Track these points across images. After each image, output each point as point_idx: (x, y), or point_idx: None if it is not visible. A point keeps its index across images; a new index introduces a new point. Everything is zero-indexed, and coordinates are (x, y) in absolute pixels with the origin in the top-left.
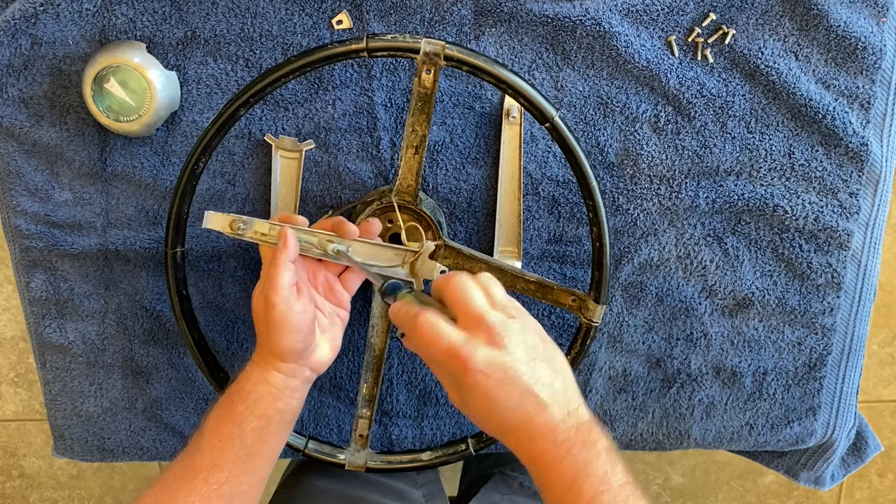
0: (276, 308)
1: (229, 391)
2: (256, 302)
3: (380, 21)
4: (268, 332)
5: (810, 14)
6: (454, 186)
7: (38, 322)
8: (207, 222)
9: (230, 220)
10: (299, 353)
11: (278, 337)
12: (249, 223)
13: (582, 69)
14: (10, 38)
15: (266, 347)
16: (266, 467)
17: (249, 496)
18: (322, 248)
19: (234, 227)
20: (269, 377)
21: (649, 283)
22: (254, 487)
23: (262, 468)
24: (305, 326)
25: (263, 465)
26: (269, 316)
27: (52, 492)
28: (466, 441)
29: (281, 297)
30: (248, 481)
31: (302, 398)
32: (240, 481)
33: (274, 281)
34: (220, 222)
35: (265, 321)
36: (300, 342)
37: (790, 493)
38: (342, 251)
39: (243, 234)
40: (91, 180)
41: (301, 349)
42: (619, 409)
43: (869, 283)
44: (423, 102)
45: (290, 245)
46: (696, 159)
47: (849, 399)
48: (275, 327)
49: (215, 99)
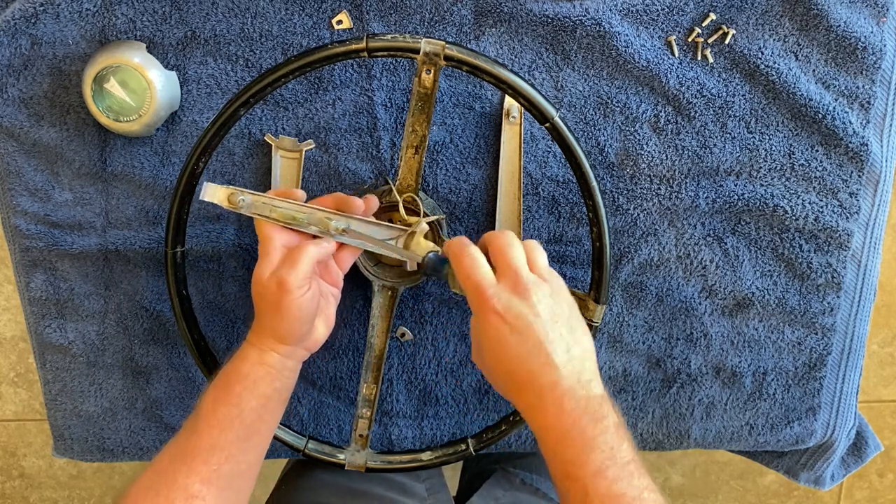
0: (291, 294)
1: (224, 372)
2: (265, 283)
3: (380, 21)
4: (274, 315)
5: (810, 14)
6: (454, 186)
7: (38, 322)
8: (205, 194)
9: (229, 192)
10: (302, 336)
11: (286, 322)
12: (248, 199)
13: (582, 69)
14: (10, 38)
15: (267, 329)
16: (264, 444)
17: (248, 475)
18: (323, 226)
19: (233, 201)
20: (267, 358)
21: (649, 283)
22: (252, 466)
23: (260, 445)
24: (312, 313)
25: (261, 442)
26: (282, 301)
27: (52, 492)
28: (466, 441)
29: (300, 284)
30: (246, 460)
31: (296, 375)
32: (239, 461)
33: (297, 267)
34: (218, 195)
35: (274, 304)
36: (306, 327)
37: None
38: (346, 229)
39: (242, 208)
40: (91, 180)
41: (304, 333)
42: (619, 409)
43: (869, 283)
44: (423, 102)
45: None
46: (696, 159)
47: (849, 399)
48: (285, 312)
49: (215, 99)
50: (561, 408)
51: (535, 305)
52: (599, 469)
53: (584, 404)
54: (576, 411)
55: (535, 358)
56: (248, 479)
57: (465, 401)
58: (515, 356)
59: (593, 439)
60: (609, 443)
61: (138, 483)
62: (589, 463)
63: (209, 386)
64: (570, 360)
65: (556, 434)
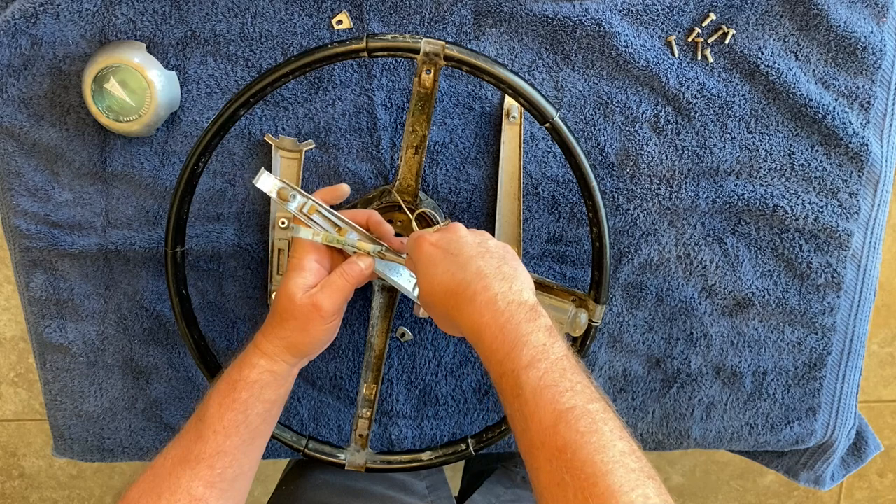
0: (324, 320)
1: (230, 378)
2: (297, 300)
3: (380, 21)
4: (299, 333)
5: (810, 14)
6: (454, 186)
7: (38, 322)
8: (259, 180)
9: (281, 186)
10: (315, 352)
11: (309, 341)
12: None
13: (582, 69)
14: (10, 38)
15: (285, 341)
16: (265, 444)
17: (249, 475)
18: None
19: (283, 195)
20: (276, 367)
21: (649, 283)
22: (253, 467)
23: (261, 447)
24: (334, 335)
25: (263, 444)
26: (312, 323)
27: (52, 492)
28: (466, 441)
29: (336, 312)
30: (249, 462)
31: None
32: (242, 463)
33: (338, 296)
34: (269, 184)
35: (302, 323)
36: (324, 347)
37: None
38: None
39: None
40: (91, 180)
41: (319, 350)
42: (619, 409)
43: (869, 283)
44: (423, 102)
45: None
46: (696, 159)
47: (849, 399)
48: (312, 333)
49: (215, 99)
50: (494, 307)
51: (463, 236)
52: (531, 362)
53: (515, 306)
54: (508, 310)
55: (467, 269)
56: (248, 480)
57: (465, 401)
58: (449, 271)
59: (527, 335)
60: (542, 340)
61: (138, 485)
62: (522, 357)
63: (213, 389)
64: (501, 272)
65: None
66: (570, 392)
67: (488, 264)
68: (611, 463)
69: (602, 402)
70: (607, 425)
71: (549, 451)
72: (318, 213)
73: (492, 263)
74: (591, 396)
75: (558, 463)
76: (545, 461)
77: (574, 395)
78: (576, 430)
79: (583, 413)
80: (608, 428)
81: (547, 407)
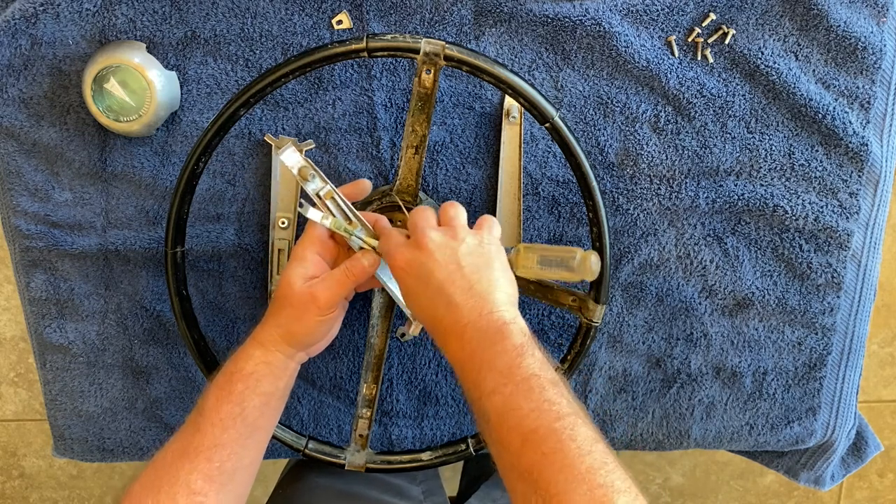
0: (321, 311)
1: (227, 370)
2: (296, 289)
3: (380, 21)
4: (294, 321)
5: (810, 14)
6: (454, 186)
7: (38, 322)
8: (284, 153)
9: (304, 165)
10: (311, 344)
11: (304, 331)
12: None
13: (582, 69)
14: (10, 38)
15: (281, 329)
16: (265, 441)
17: (249, 471)
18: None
19: (303, 174)
20: (272, 358)
21: (649, 283)
22: (253, 462)
23: (261, 442)
24: (331, 328)
25: (263, 439)
26: (308, 312)
27: (52, 492)
28: (466, 441)
29: (333, 305)
30: (248, 457)
31: (295, 375)
32: (241, 456)
33: (337, 290)
34: (292, 160)
35: (299, 312)
36: (320, 339)
37: (790, 493)
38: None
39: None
40: (91, 180)
41: (315, 342)
42: (619, 409)
43: (869, 283)
44: (423, 102)
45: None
46: (696, 159)
47: (849, 399)
48: (307, 323)
49: (215, 99)
50: (463, 338)
51: (432, 253)
52: (495, 388)
53: (482, 333)
54: (474, 340)
55: (439, 300)
56: (249, 475)
57: (465, 401)
58: (425, 303)
59: (492, 360)
60: (506, 363)
61: (140, 480)
62: (486, 382)
63: (211, 383)
64: (472, 296)
65: (460, 364)
66: (536, 412)
67: (458, 289)
68: (574, 482)
69: (571, 416)
70: (574, 442)
71: (517, 473)
72: (333, 200)
73: (462, 286)
74: (558, 414)
75: (526, 485)
76: (516, 482)
77: (539, 416)
78: (540, 452)
79: (548, 433)
80: (575, 445)
81: (513, 431)
